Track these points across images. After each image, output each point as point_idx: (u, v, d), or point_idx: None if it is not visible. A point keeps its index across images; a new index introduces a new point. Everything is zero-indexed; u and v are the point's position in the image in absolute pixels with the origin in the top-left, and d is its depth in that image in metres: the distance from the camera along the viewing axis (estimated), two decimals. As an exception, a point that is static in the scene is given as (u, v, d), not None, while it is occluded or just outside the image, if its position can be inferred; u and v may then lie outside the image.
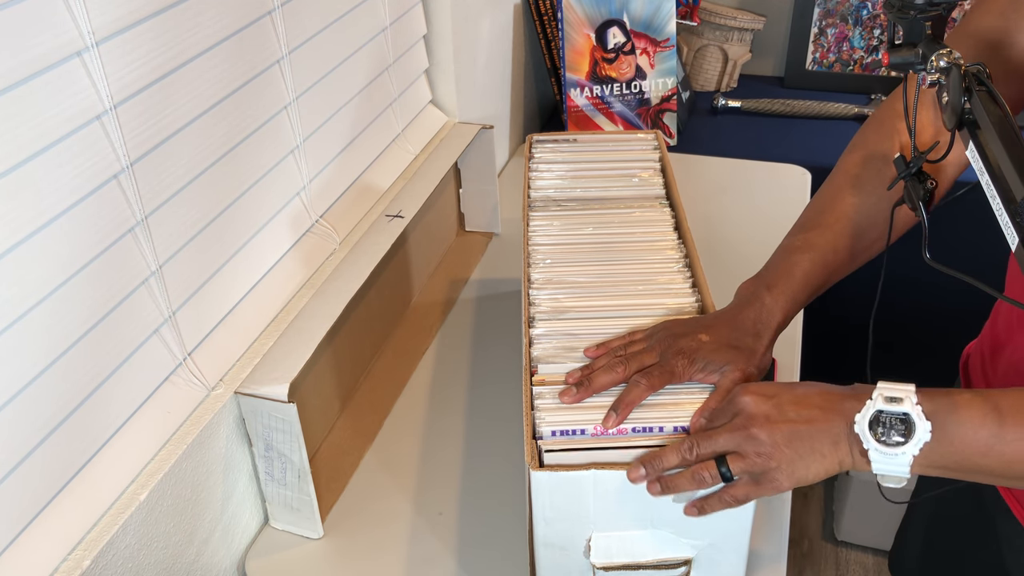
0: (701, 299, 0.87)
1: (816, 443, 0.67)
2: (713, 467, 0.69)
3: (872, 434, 0.64)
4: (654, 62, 1.61)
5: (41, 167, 0.65)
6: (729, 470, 0.68)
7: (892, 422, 0.64)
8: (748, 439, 0.67)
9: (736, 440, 0.68)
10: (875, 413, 0.64)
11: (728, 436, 0.69)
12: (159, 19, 0.74)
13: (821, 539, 1.91)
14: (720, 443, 0.69)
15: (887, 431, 0.64)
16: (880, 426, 0.64)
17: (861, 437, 0.65)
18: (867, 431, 0.64)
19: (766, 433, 0.67)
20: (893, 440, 0.64)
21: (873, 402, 0.65)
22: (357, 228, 1.10)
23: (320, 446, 1.03)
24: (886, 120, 0.86)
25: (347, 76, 1.08)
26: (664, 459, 0.70)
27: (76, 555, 0.71)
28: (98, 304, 0.72)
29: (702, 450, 0.69)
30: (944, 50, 0.64)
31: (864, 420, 0.65)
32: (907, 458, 0.64)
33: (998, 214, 0.57)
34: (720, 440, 0.69)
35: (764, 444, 0.67)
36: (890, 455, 0.64)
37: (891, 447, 0.64)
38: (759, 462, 0.67)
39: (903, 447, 0.63)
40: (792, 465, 0.67)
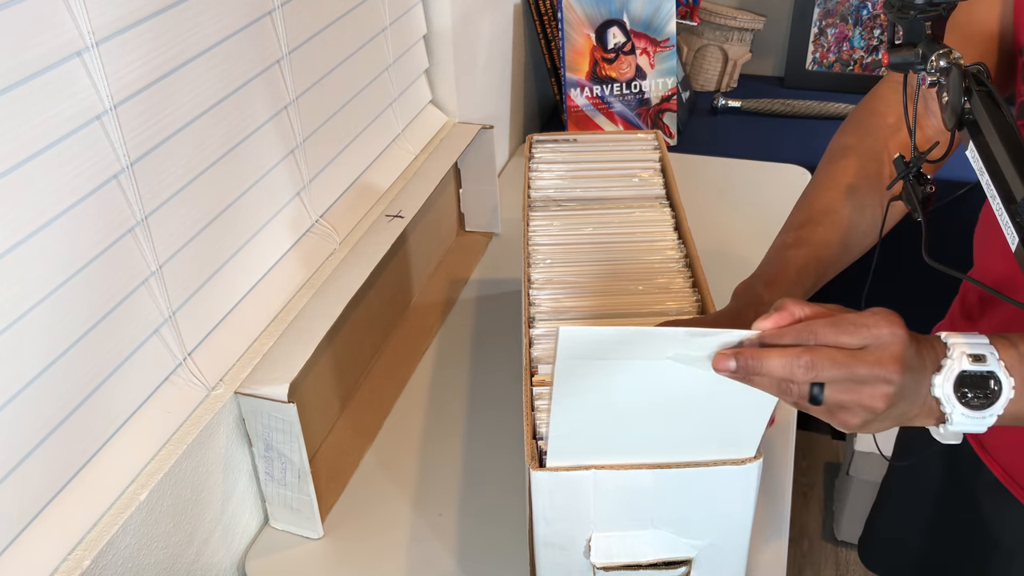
0: (701, 299, 0.87)
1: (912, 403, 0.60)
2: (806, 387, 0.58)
3: (957, 396, 0.59)
4: (654, 62, 1.61)
5: (41, 167, 0.65)
6: (822, 393, 0.58)
7: (977, 382, 0.59)
8: (878, 378, 0.57)
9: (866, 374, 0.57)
10: (959, 375, 0.59)
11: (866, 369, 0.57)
12: (159, 19, 0.74)
13: (821, 539, 1.91)
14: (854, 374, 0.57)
15: (972, 392, 0.59)
16: (964, 387, 0.59)
17: (943, 401, 0.59)
18: (953, 395, 0.59)
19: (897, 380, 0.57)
20: (979, 402, 0.58)
21: (955, 362, 0.59)
22: (357, 228, 1.10)
23: (320, 446, 1.03)
24: (865, 119, 0.87)
25: (347, 76, 1.08)
26: (768, 362, 0.58)
27: (76, 555, 0.71)
28: (98, 304, 0.72)
29: (825, 376, 0.57)
30: (944, 50, 0.64)
31: (948, 383, 0.59)
32: (990, 420, 0.59)
33: (998, 214, 0.57)
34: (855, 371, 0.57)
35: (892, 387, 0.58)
36: (976, 418, 0.59)
37: (977, 410, 0.59)
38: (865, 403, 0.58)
39: (990, 408, 0.59)
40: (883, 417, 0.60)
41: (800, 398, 0.58)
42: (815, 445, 2.13)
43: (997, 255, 0.88)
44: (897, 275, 1.22)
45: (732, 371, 0.59)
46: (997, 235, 0.79)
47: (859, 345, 0.58)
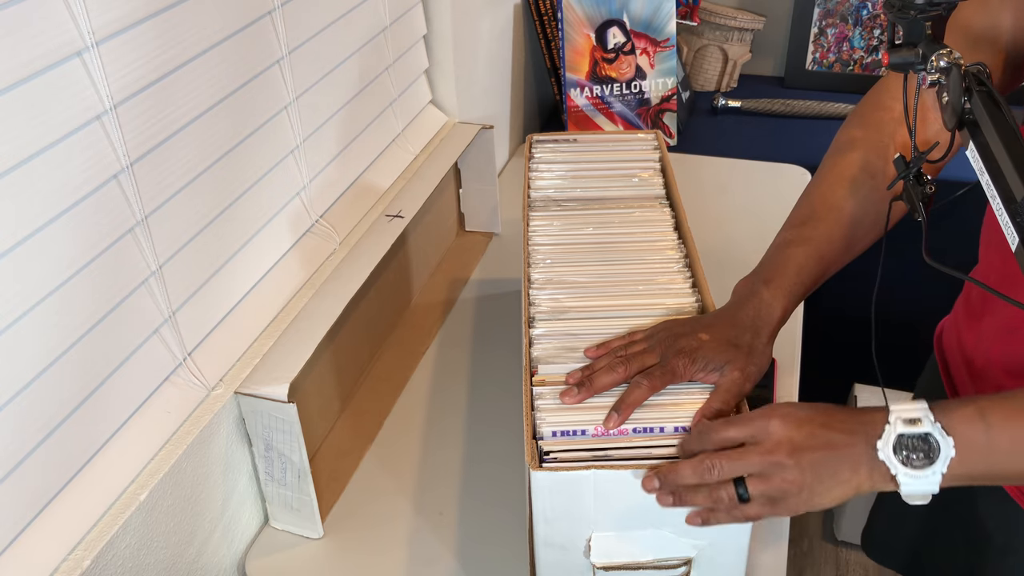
0: (701, 299, 0.87)
1: (839, 469, 0.66)
2: (731, 488, 0.67)
3: (898, 459, 0.64)
4: (654, 62, 1.61)
5: (41, 167, 0.65)
6: (747, 491, 0.67)
7: (915, 444, 0.63)
8: (775, 465, 0.66)
9: (763, 464, 0.67)
10: (897, 437, 0.64)
11: (756, 459, 0.67)
12: (159, 19, 0.74)
13: (821, 539, 1.91)
14: (745, 466, 0.67)
15: (911, 454, 0.64)
16: (904, 449, 0.64)
17: (888, 464, 0.64)
18: (892, 457, 0.64)
19: (794, 460, 0.66)
20: (920, 462, 0.63)
21: (892, 427, 0.64)
22: (357, 228, 1.10)
23: (320, 446, 1.03)
24: (870, 113, 0.87)
25: (347, 76, 1.08)
26: (681, 474, 0.69)
27: (76, 555, 0.71)
28: (98, 304, 0.72)
29: (724, 472, 0.67)
30: (944, 50, 0.64)
31: (888, 446, 0.64)
32: (936, 478, 0.63)
33: (998, 214, 0.57)
34: (746, 463, 0.67)
35: (790, 470, 0.66)
36: (919, 477, 0.63)
37: (919, 469, 0.63)
38: (781, 487, 0.66)
39: (931, 467, 0.63)
40: (812, 491, 0.66)
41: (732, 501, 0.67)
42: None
43: (1000, 253, 0.88)
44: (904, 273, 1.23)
45: (657, 488, 0.69)
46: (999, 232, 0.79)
47: (746, 437, 0.68)
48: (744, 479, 0.67)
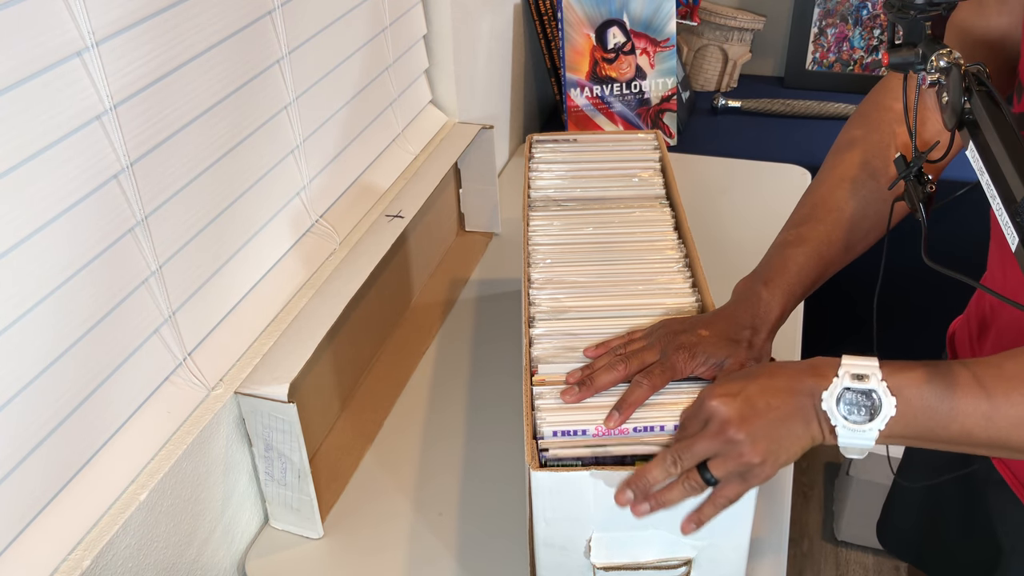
0: (701, 299, 0.87)
1: (791, 427, 0.67)
2: (697, 477, 0.69)
3: (839, 411, 0.65)
4: (654, 62, 1.61)
5: (41, 167, 0.65)
6: (712, 475, 0.68)
7: (858, 399, 0.65)
8: (727, 443, 0.67)
9: (715, 446, 0.68)
10: (841, 391, 0.65)
11: (707, 443, 0.68)
12: (159, 19, 0.74)
13: (821, 539, 1.91)
14: (700, 451, 0.69)
15: (853, 408, 0.65)
16: (847, 404, 0.65)
17: (828, 414, 0.66)
18: (834, 408, 0.65)
19: (744, 433, 0.67)
20: (860, 417, 0.65)
21: (840, 380, 0.65)
22: (357, 228, 1.10)
23: (320, 446, 1.03)
24: (871, 114, 0.87)
25: (347, 76, 1.08)
26: (649, 476, 0.70)
27: (76, 555, 0.71)
28: (98, 304, 0.72)
29: (685, 462, 0.69)
30: (944, 50, 0.64)
31: (831, 398, 0.65)
32: (873, 433, 0.65)
33: (998, 214, 0.57)
34: (699, 448, 0.69)
35: (743, 444, 0.67)
36: (857, 431, 0.65)
37: (858, 424, 0.65)
38: (742, 461, 0.67)
39: (870, 423, 0.64)
40: (774, 455, 0.67)
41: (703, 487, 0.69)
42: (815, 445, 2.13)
43: (999, 257, 0.88)
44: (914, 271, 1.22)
45: (632, 499, 0.70)
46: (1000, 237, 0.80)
47: (700, 426, 0.69)
48: (707, 465, 0.68)
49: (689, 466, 0.69)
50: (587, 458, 0.72)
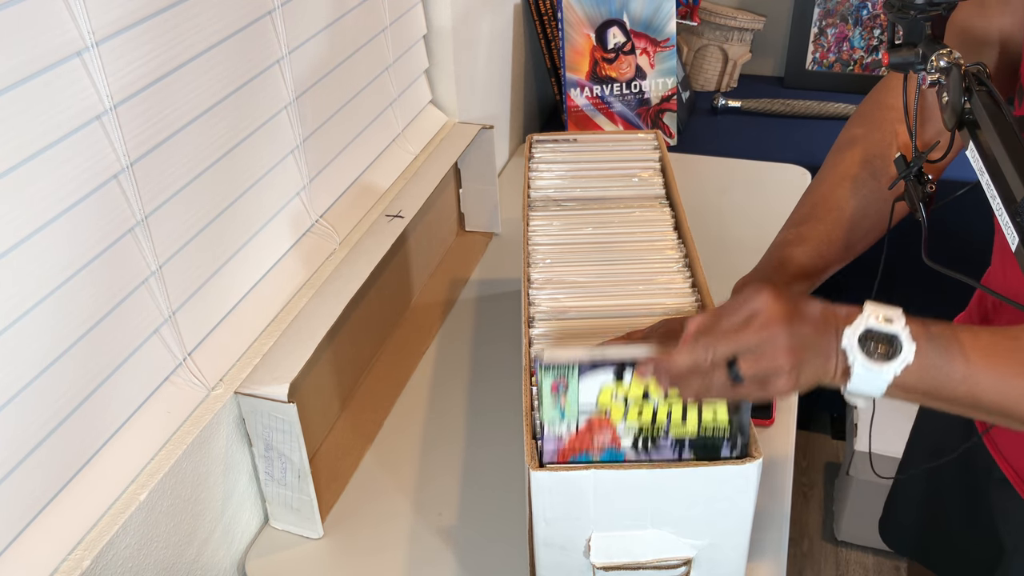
0: (701, 299, 0.87)
1: (818, 352, 0.65)
2: (724, 371, 0.65)
3: (861, 349, 0.64)
4: (654, 62, 1.61)
5: (41, 167, 0.65)
6: (739, 373, 0.65)
7: (880, 340, 0.64)
8: (769, 340, 0.64)
9: (756, 340, 0.64)
10: (865, 330, 0.64)
11: (750, 336, 0.64)
12: (159, 19, 0.74)
13: (821, 539, 1.91)
14: (741, 342, 0.65)
15: (874, 347, 0.64)
16: (869, 341, 0.64)
17: (848, 351, 0.64)
18: (855, 345, 0.64)
19: (786, 335, 0.64)
20: (879, 357, 0.64)
21: (864, 318, 0.64)
22: (357, 228, 1.10)
23: (320, 446, 1.03)
24: (872, 113, 0.87)
25: (347, 76, 1.08)
26: (676, 362, 0.67)
27: (76, 555, 0.71)
28: (98, 304, 0.72)
29: (719, 352, 0.65)
30: (944, 50, 0.64)
31: (854, 335, 0.64)
32: (888, 376, 0.64)
33: (998, 214, 0.57)
34: (741, 339, 0.65)
35: (782, 345, 0.64)
36: (873, 371, 0.64)
37: (876, 362, 0.64)
38: (775, 364, 0.64)
39: (887, 364, 0.64)
40: (798, 370, 0.65)
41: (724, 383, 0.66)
42: (815, 445, 2.13)
43: (1000, 258, 0.88)
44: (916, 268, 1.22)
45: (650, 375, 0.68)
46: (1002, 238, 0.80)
47: (742, 321, 0.66)
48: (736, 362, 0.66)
49: (722, 357, 0.66)
50: (584, 363, 0.70)
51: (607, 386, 0.71)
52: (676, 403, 0.71)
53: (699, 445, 0.72)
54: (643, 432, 0.72)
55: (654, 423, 0.72)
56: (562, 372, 0.70)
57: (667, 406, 0.71)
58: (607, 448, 0.72)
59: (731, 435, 0.72)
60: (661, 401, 0.71)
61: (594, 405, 0.71)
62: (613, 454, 0.72)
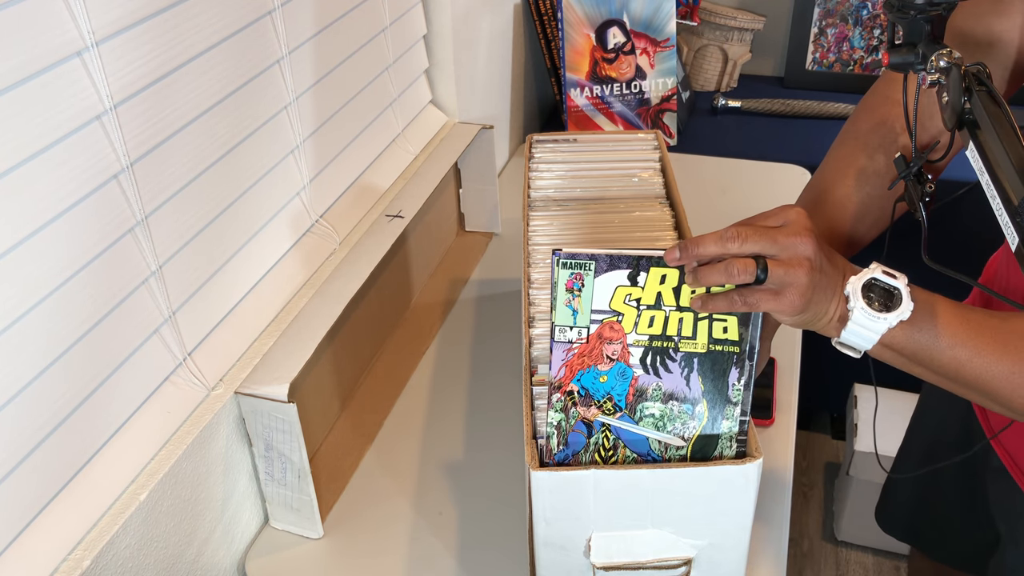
0: (701, 299, 0.87)
1: (827, 285, 0.67)
2: (752, 265, 0.65)
3: (863, 296, 0.66)
4: (654, 62, 1.61)
5: (41, 167, 0.65)
6: (766, 272, 0.65)
7: (882, 289, 0.67)
8: (797, 247, 0.65)
9: (787, 243, 0.65)
10: (870, 279, 0.67)
11: (783, 239, 0.65)
12: (159, 19, 0.74)
13: (821, 539, 1.91)
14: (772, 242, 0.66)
15: (875, 296, 0.67)
16: (871, 291, 0.67)
17: (850, 296, 0.67)
18: (859, 291, 0.66)
19: (814, 249, 0.66)
20: (878, 307, 0.66)
21: (871, 270, 0.67)
22: (357, 228, 1.10)
23: (320, 446, 1.03)
24: (876, 107, 0.87)
25: (347, 76, 1.08)
26: (703, 247, 0.66)
27: (76, 555, 0.71)
28: (98, 304, 0.72)
29: (748, 245, 0.66)
30: (944, 50, 0.64)
31: (859, 282, 0.67)
32: (883, 326, 0.66)
33: (998, 214, 0.57)
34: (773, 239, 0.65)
35: (808, 258, 0.65)
36: (870, 319, 0.66)
37: (875, 312, 0.66)
38: (795, 273, 0.65)
39: (884, 315, 0.66)
40: (811, 291, 0.66)
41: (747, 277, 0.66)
42: (815, 445, 2.13)
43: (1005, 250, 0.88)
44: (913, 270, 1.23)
45: (678, 259, 0.68)
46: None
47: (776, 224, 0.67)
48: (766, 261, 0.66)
49: (749, 251, 0.66)
50: (601, 257, 0.70)
51: (621, 287, 0.70)
52: (687, 314, 0.71)
53: (707, 363, 0.72)
54: (654, 345, 0.71)
55: (665, 332, 0.71)
56: (579, 268, 0.69)
57: (678, 316, 0.71)
58: (616, 362, 0.72)
59: (740, 353, 0.71)
60: (673, 312, 0.71)
61: (607, 308, 0.71)
62: (622, 368, 0.72)
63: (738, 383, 0.72)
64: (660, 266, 0.69)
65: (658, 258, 0.69)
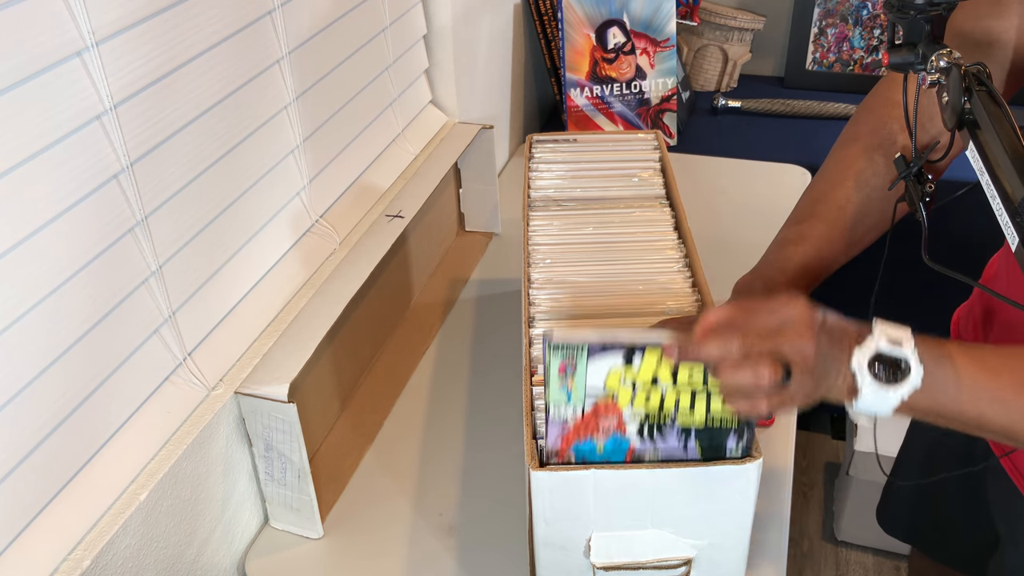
0: (701, 299, 0.87)
1: (832, 367, 0.65)
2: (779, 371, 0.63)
3: (870, 372, 0.64)
4: (654, 62, 1.61)
5: (41, 167, 0.65)
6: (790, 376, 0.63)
7: (888, 363, 0.64)
8: (802, 349, 0.63)
9: (794, 347, 0.63)
10: (875, 352, 0.64)
11: (789, 343, 0.63)
12: (159, 19, 0.74)
13: (821, 539, 1.91)
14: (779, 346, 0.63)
15: (881, 371, 0.64)
16: (878, 363, 0.64)
17: (857, 374, 0.64)
18: (864, 368, 0.64)
19: (816, 348, 0.64)
20: (887, 380, 0.64)
21: (875, 340, 0.64)
22: (357, 228, 1.10)
23: (320, 446, 1.03)
24: (877, 108, 0.87)
25: (347, 76, 1.08)
26: (704, 351, 0.65)
27: (76, 555, 0.71)
28: (98, 304, 0.72)
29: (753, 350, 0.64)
30: (944, 50, 0.64)
31: (864, 357, 0.64)
32: (895, 400, 0.64)
33: (998, 214, 0.57)
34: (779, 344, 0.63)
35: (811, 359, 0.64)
36: (880, 394, 0.64)
37: (885, 385, 0.64)
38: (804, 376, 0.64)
39: (895, 388, 0.64)
40: (819, 384, 0.65)
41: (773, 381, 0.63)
42: (815, 445, 2.13)
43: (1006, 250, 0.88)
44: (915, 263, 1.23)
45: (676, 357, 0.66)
46: None
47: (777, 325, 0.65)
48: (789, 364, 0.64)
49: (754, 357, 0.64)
50: (594, 344, 0.69)
51: (616, 369, 0.69)
52: (684, 391, 0.70)
53: (705, 436, 0.71)
54: (649, 419, 0.71)
55: (661, 410, 0.70)
56: (571, 353, 0.68)
57: (675, 393, 0.70)
58: (612, 433, 0.71)
59: (738, 427, 0.71)
60: (670, 388, 0.70)
61: (602, 388, 0.70)
62: (618, 440, 0.71)
63: (736, 448, 0.71)
64: (656, 350, 0.68)
65: (654, 344, 0.68)
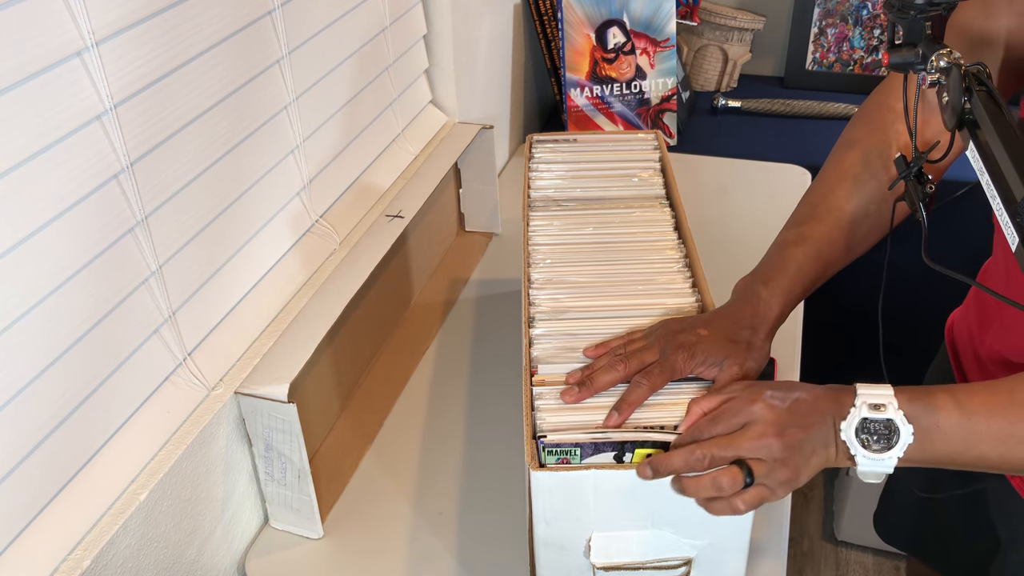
0: (701, 299, 0.87)
1: (816, 446, 0.68)
2: (738, 474, 0.67)
3: (859, 441, 0.67)
4: (654, 62, 1.61)
5: (41, 167, 0.65)
6: (752, 477, 0.67)
7: (876, 428, 0.66)
8: (765, 447, 0.67)
9: (754, 448, 0.67)
10: (860, 421, 0.66)
11: (747, 444, 0.68)
12: (159, 19, 0.74)
13: (821, 539, 1.91)
14: (739, 450, 0.68)
15: (872, 437, 0.66)
16: (865, 432, 0.66)
17: (849, 445, 0.67)
18: (854, 439, 0.67)
19: (782, 441, 0.67)
20: (878, 446, 0.66)
21: (857, 410, 0.67)
22: (357, 228, 1.10)
23: (320, 446, 1.03)
24: (875, 112, 0.87)
25: (347, 76, 1.08)
26: (670, 464, 0.69)
27: (76, 555, 0.71)
28: (98, 304, 0.72)
29: (716, 457, 0.68)
30: (944, 50, 0.64)
31: (850, 428, 0.67)
32: (892, 461, 0.66)
33: (998, 214, 0.57)
34: (738, 448, 0.68)
35: (779, 452, 0.67)
36: (876, 459, 0.66)
37: (877, 453, 0.66)
38: (776, 470, 0.67)
39: (888, 452, 0.66)
40: (799, 470, 0.68)
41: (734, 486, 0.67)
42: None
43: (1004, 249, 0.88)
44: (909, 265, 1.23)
45: (649, 477, 0.70)
46: None
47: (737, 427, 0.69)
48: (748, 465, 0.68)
49: (719, 462, 0.68)
50: (586, 445, 0.72)
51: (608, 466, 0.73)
52: None
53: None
54: None
55: None
56: (564, 453, 0.72)
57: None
58: None
59: None
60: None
61: None
62: None
63: None
64: (645, 447, 0.72)
65: (643, 442, 0.72)
